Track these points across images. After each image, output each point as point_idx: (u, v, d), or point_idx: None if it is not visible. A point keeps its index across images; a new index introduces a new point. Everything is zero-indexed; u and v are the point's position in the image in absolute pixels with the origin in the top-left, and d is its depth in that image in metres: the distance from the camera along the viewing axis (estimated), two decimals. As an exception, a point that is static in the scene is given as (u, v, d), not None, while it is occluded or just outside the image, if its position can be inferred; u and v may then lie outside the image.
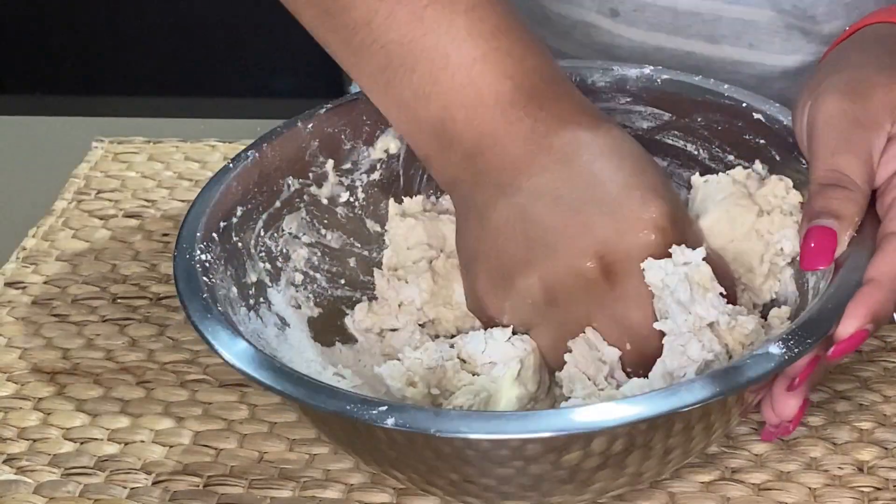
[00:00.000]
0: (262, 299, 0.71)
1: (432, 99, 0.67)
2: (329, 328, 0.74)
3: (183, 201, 0.89)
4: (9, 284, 0.83)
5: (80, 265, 0.84)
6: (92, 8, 2.02)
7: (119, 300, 0.81)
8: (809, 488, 0.67)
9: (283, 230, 0.74)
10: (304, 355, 0.71)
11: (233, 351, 0.62)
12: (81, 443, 0.72)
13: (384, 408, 0.58)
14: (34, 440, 0.72)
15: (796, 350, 0.59)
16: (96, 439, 0.72)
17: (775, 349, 0.59)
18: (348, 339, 0.74)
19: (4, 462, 0.71)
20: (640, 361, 0.67)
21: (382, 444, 0.61)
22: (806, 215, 0.66)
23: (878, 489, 0.67)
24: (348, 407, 0.58)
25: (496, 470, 0.60)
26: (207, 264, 0.67)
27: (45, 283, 0.83)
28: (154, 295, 0.81)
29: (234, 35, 2.03)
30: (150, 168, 0.93)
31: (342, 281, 0.75)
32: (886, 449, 0.69)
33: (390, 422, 0.57)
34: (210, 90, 1.93)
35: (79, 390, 0.75)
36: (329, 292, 0.74)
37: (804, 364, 0.62)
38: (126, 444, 0.72)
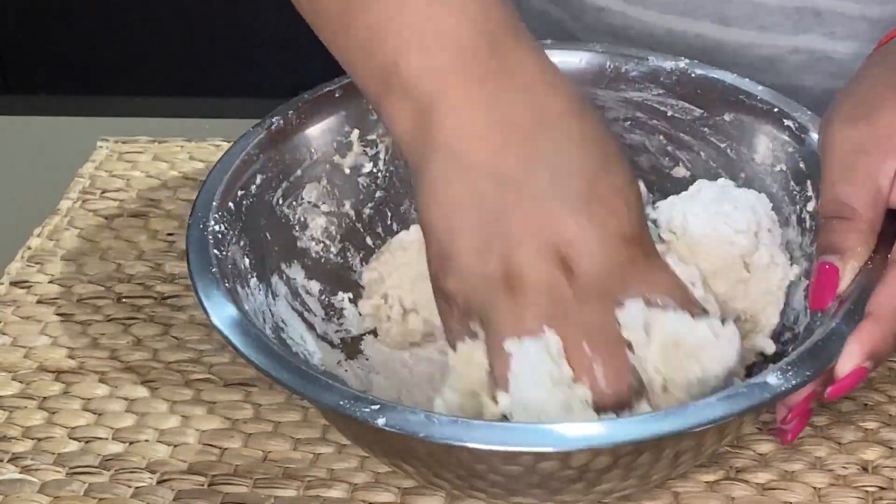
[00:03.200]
0: (273, 268, 0.71)
1: (388, 38, 0.64)
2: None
3: (187, 201, 0.89)
4: (14, 284, 0.83)
5: (85, 265, 0.84)
6: (96, 7, 2.02)
7: (124, 299, 0.81)
8: (814, 488, 0.67)
9: (302, 199, 0.73)
10: (316, 344, 0.71)
11: (231, 330, 0.62)
12: (86, 442, 0.72)
13: (377, 406, 0.58)
14: (39, 439, 0.72)
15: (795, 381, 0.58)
16: (101, 438, 0.72)
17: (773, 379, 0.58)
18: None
19: (9, 461, 0.71)
20: (602, 383, 0.62)
21: (391, 438, 0.61)
22: (816, 252, 0.65)
23: (883, 489, 0.67)
24: (341, 402, 0.58)
25: (503, 468, 0.60)
26: (220, 235, 0.67)
27: (49, 282, 0.83)
28: (159, 294, 0.81)
29: (239, 34, 2.03)
30: (155, 168, 0.93)
31: (360, 251, 0.75)
32: (891, 449, 0.69)
33: (381, 422, 0.57)
34: (215, 90, 1.93)
35: (84, 389, 0.75)
36: (345, 262, 0.74)
37: (800, 398, 0.61)
38: (131, 443, 0.72)
